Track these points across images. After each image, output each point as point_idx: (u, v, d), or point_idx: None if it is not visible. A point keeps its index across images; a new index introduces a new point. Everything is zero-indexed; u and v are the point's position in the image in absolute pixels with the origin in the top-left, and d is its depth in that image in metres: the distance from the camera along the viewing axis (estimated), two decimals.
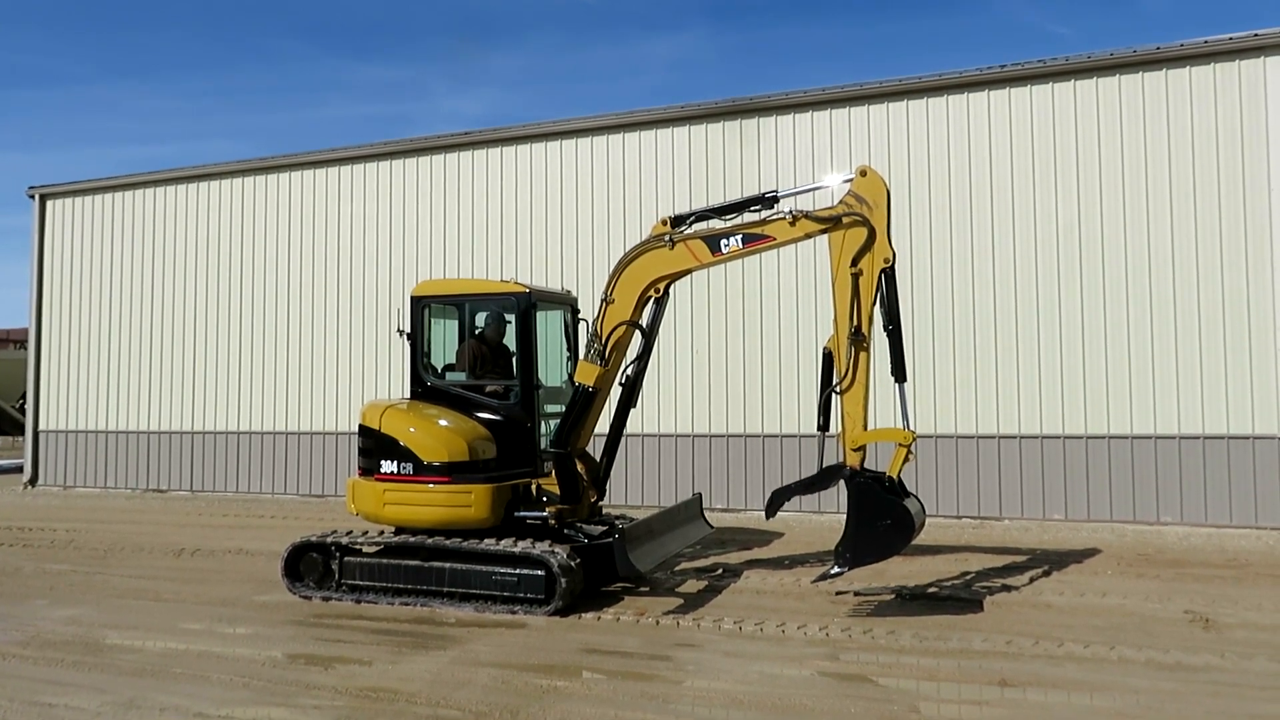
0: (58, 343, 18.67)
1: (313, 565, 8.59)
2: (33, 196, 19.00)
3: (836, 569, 7.53)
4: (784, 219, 7.96)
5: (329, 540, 8.54)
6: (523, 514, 8.48)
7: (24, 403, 19.82)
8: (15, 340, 24.12)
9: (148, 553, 11.15)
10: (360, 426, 8.77)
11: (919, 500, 8.08)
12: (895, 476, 7.62)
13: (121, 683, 6.25)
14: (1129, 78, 12.41)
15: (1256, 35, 11.80)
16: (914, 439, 7.65)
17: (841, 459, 7.80)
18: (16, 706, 5.81)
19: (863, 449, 7.67)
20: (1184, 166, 12.11)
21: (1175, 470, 11.93)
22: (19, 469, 20.17)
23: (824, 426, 8.16)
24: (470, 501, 8.22)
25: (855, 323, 7.66)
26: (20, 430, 21.04)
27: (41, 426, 18.73)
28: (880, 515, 7.44)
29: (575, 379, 8.54)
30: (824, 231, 7.85)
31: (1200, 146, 12.06)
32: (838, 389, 7.76)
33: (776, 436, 13.64)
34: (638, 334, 8.49)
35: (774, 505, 8.10)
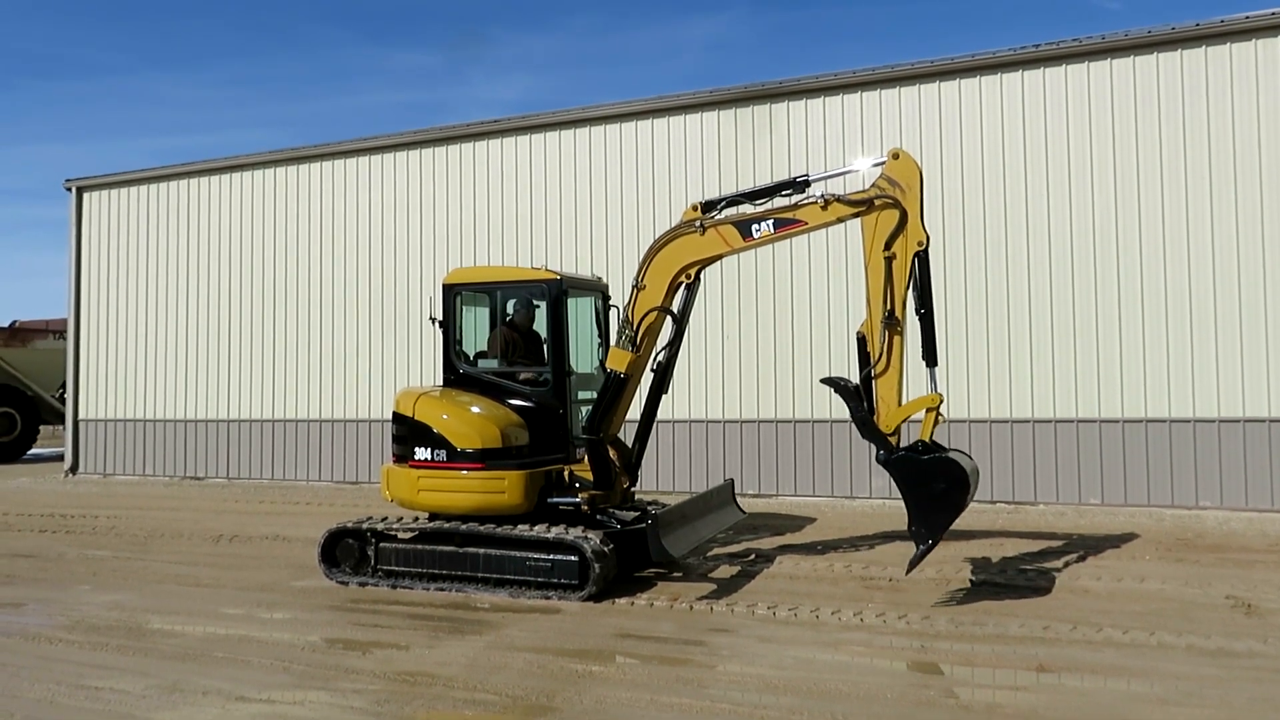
0: (96, 333, 18.96)
1: (349, 551, 8.67)
2: (69, 189, 19.27)
3: (921, 549, 7.33)
4: (816, 203, 7.89)
5: (365, 526, 8.62)
6: (556, 500, 8.50)
7: (64, 392, 20.15)
8: (54, 331, 24.43)
9: (187, 539, 11.32)
10: (394, 414, 8.83)
11: (963, 452, 7.92)
12: (928, 439, 7.53)
13: (164, 666, 6.35)
14: (1167, 55, 12.18)
15: None
16: (941, 400, 7.54)
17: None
18: (64, 689, 5.92)
19: (897, 430, 7.61)
20: (1224, 146, 11.88)
21: (1214, 454, 11.76)
22: (60, 457, 20.53)
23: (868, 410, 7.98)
24: (504, 488, 8.27)
25: (889, 307, 7.59)
26: (60, 419, 21.37)
27: (81, 415, 19.05)
28: (931, 480, 7.29)
29: (607, 365, 8.54)
30: (856, 215, 7.78)
31: (1241, 125, 11.82)
32: (872, 373, 7.70)
33: (808, 422, 13.59)
34: (669, 320, 8.48)
35: (833, 381, 7.95)
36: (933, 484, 7.30)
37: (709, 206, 8.41)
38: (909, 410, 7.70)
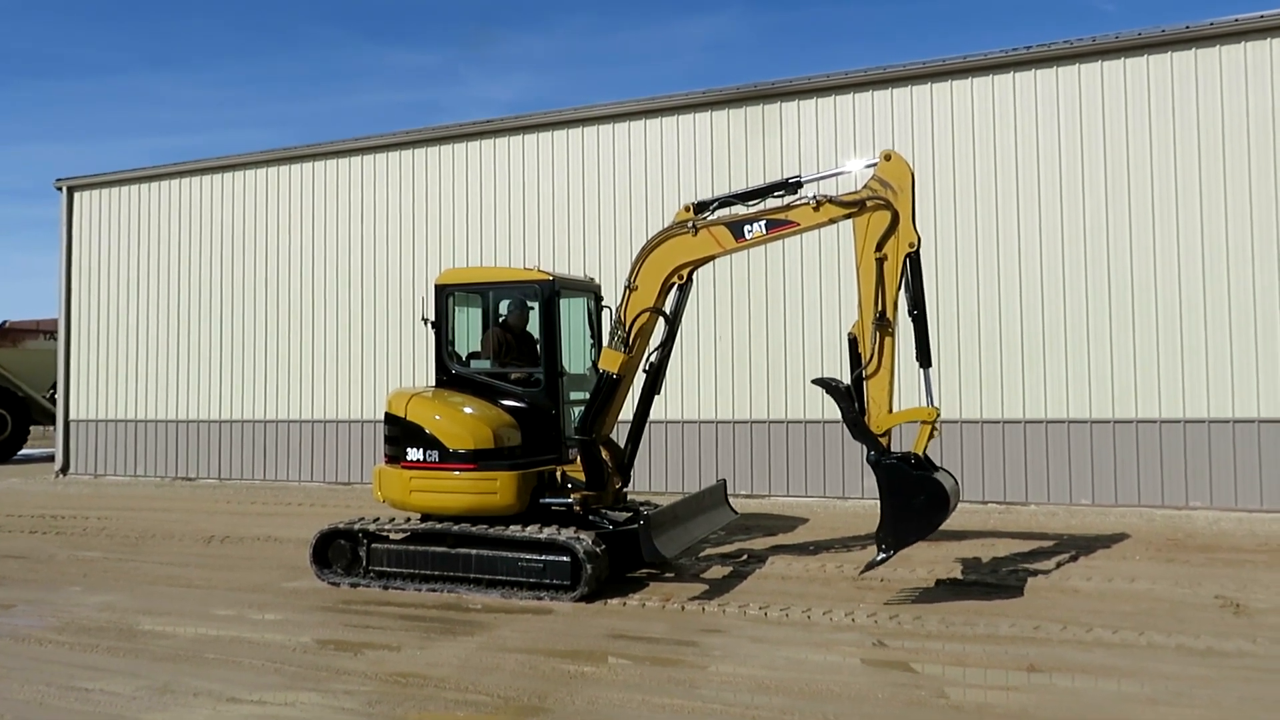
0: (87, 333, 18.89)
1: (341, 552, 8.66)
2: (60, 189, 19.20)
3: (881, 555, 7.44)
4: (808, 204, 7.91)
5: (357, 527, 8.60)
6: (548, 500, 8.51)
7: (54, 392, 20.08)
8: (45, 331, 24.39)
9: (178, 540, 11.29)
10: (386, 414, 8.83)
11: (949, 473, 8.00)
12: (921, 454, 7.57)
13: (155, 668, 6.34)
14: (1157, 58, 12.23)
15: None
16: (937, 415, 7.59)
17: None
18: (54, 691, 5.91)
19: (888, 433, 7.64)
20: (1214, 148, 11.93)
21: (1204, 454, 11.81)
22: (50, 458, 20.46)
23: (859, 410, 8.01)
24: (496, 488, 8.26)
25: (880, 308, 7.61)
26: (51, 420, 21.31)
27: (72, 416, 18.98)
28: (913, 493, 7.36)
29: (600, 366, 8.55)
30: (848, 216, 7.80)
31: (1230, 128, 11.87)
32: (863, 374, 7.72)
33: (801, 422, 13.61)
34: (661, 320, 8.49)
35: (824, 382, 7.87)
36: (915, 498, 7.36)
37: (701, 207, 8.42)
38: (902, 418, 7.71)
